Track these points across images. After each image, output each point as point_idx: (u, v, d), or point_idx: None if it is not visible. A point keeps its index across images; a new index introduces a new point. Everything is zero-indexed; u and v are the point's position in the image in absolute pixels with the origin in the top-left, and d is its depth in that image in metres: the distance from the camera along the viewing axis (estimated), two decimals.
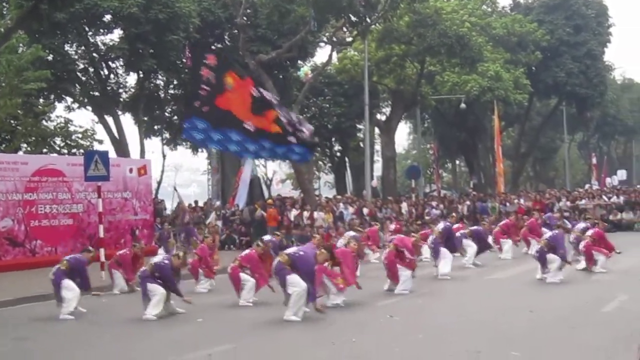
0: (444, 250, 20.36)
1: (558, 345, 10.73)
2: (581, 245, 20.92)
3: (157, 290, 14.61)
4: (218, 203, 36.11)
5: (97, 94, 39.31)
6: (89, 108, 40.12)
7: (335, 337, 11.84)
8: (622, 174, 64.07)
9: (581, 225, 22.74)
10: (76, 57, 37.76)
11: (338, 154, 56.75)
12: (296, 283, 13.67)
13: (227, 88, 16.32)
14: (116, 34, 37.80)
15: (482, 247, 23.96)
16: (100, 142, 40.17)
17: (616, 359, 9.92)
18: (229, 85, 16.38)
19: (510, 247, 25.98)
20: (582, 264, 21.05)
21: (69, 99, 39.64)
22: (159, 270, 14.97)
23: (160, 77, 42.06)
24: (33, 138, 35.60)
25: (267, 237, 19.50)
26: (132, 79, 41.53)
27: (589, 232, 21.14)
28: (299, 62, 43.39)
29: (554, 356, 10.13)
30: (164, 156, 48.20)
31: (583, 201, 38.88)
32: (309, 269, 13.92)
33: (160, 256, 16.68)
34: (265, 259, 16.68)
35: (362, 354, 10.63)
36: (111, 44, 37.74)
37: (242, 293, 16.15)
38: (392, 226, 29.43)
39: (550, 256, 18.23)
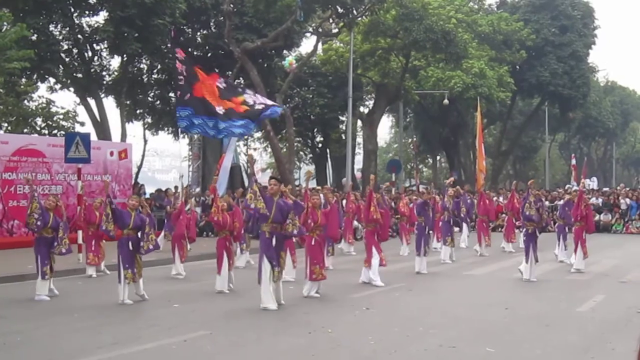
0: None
1: (532, 342, 10.78)
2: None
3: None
4: (198, 190, 36.04)
5: (80, 75, 39.07)
6: (72, 89, 39.90)
7: (311, 327, 11.86)
8: (593, 182, 63.81)
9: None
10: (60, 37, 37.47)
11: (319, 145, 56.70)
12: (263, 271, 13.71)
13: (197, 78, 16.65)
14: (101, 16, 37.53)
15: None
16: (82, 124, 40.04)
17: (589, 358, 9.98)
18: (197, 76, 16.72)
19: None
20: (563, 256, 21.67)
21: (52, 80, 39.38)
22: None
23: (144, 61, 41.87)
24: (14, 117, 35.41)
25: None
26: (115, 62, 41.33)
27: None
28: (284, 51, 43.33)
29: (528, 353, 10.18)
30: (145, 141, 48.07)
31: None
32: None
33: None
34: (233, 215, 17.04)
35: (338, 344, 10.65)
36: (96, 26, 37.46)
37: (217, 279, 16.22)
38: None
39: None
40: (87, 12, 37.04)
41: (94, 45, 38.79)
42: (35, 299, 14.87)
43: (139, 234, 14.85)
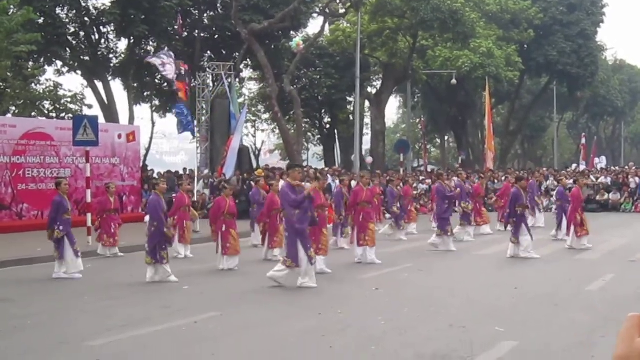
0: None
1: (542, 322, 10.78)
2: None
3: None
4: (206, 172, 36.04)
5: (87, 58, 39.09)
6: (79, 72, 39.93)
7: (322, 308, 11.87)
8: (602, 161, 63.45)
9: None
10: (67, 20, 37.49)
11: (327, 126, 56.70)
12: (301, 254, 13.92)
13: None
14: None
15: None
16: (90, 107, 40.12)
17: (599, 337, 9.97)
18: None
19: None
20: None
21: (59, 63, 39.44)
22: None
23: (151, 43, 41.86)
24: (22, 101, 35.42)
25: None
26: (122, 45, 41.38)
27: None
28: (291, 32, 43.27)
29: (537, 332, 10.17)
30: (153, 123, 48.15)
31: (570, 181, 38.95)
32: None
33: None
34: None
35: (348, 325, 10.66)
36: (103, 8, 37.48)
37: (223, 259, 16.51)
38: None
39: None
40: None
41: (101, 27, 38.82)
42: (53, 277, 15.30)
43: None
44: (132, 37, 38.15)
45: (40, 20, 33.38)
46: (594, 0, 56.31)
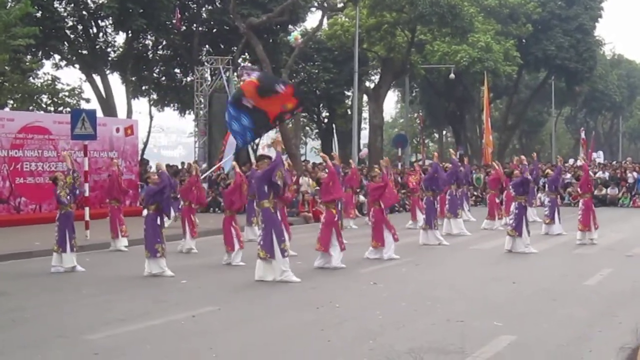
0: None
1: (539, 316, 10.79)
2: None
3: None
4: (204, 166, 36.04)
5: (85, 52, 39.01)
6: (77, 66, 39.87)
7: (319, 302, 11.88)
8: (599, 155, 63.27)
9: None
10: (65, 14, 37.39)
11: (325, 120, 56.64)
12: (275, 246, 13.94)
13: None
14: None
15: None
16: (88, 100, 40.03)
17: (596, 331, 9.99)
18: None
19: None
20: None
21: (57, 57, 39.37)
22: None
23: (149, 37, 41.79)
24: (19, 95, 35.36)
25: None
26: (121, 38, 41.29)
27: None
28: (290, 26, 43.17)
29: (535, 327, 10.18)
30: (151, 117, 48.07)
31: (568, 175, 38.95)
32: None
33: None
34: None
35: (345, 319, 10.67)
36: (101, 2, 37.37)
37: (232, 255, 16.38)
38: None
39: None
40: None
41: (99, 21, 38.73)
42: (54, 271, 15.34)
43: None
44: (130, 31, 38.04)
45: (38, 14, 33.29)
46: None
